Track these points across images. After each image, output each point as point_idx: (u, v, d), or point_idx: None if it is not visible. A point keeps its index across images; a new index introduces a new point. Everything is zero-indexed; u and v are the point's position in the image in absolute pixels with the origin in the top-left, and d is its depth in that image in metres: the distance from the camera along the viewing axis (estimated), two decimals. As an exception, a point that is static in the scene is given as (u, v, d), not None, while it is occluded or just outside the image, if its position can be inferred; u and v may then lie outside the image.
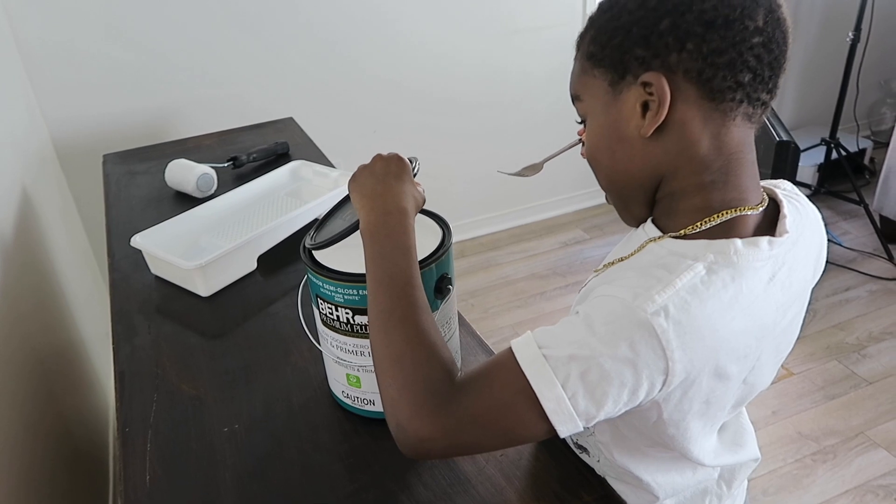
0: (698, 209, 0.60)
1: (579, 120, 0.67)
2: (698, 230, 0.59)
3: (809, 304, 0.68)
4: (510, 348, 0.58)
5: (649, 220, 0.65)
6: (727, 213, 0.59)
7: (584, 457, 0.76)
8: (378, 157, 0.73)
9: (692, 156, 0.59)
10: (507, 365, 0.57)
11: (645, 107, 0.58)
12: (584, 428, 0.56)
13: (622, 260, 0.66)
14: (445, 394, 0.58)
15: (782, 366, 1.99)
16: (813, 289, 0.68)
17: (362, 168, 0.73)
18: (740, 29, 0.55)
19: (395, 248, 0.65)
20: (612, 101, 0.61)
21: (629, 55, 0.58)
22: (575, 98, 0.66)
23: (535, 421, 0.55)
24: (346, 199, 0.85)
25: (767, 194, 0.63)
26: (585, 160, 0.68)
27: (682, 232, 0.60)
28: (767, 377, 0.68)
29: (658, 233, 0.63)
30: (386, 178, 0.71)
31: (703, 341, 0.55)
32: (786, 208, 0.62)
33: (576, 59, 0.65)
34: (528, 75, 2.56)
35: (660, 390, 0.55)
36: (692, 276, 0.55)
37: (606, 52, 0.60)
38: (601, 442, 0.70)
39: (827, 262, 0.70)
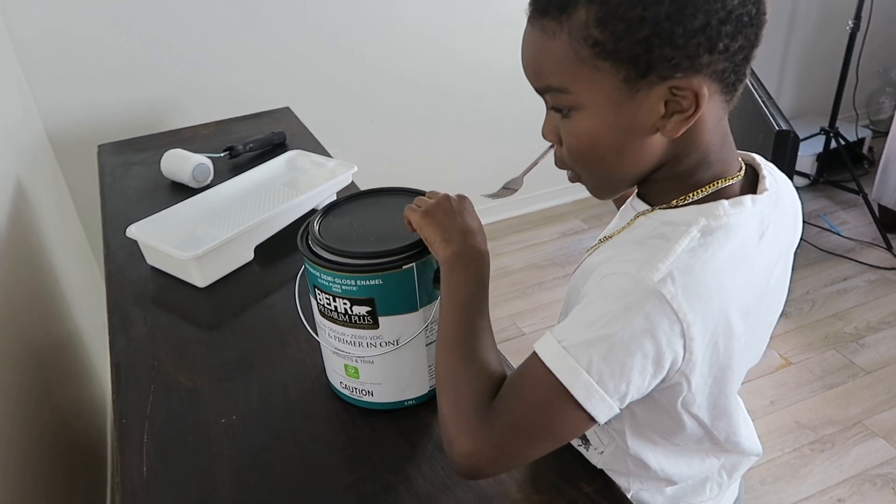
0: (689, 185, 0.61)
1: (553, 107, 0.60)
2: (687, 201, 0.61)
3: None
4: (535, 353, 0.59)
5: (635, 196, 0.67)
6: (713, 184, 0.61)
7: (581, 450, 0.76)
8: (447, 196, 0.75)
9: (699, 143, 0.59)
10: (534, 366, 0.58)
11: (664, 105, 0.55)
12: (619, 410, 0.56)
13: (617, 234, 0.67)
14: (487, 408, 0.59)
15: (780, 355, 2.01)
16: (796, 252, 0.70)
17: (434, 205, 0.73)
18: (760, 24, 0.55)
19: (469, 278, 0.68)
20: (624, 98, 0.55)
21: (655, 53, 0.52)
22: (557, 90, 0.57)
23: (572, 413, 0.56)
24: (351, 198, 0.85)
25: (743, 160, 0.65)
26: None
27: (673, 203, 0.61)
28: (761, 343, 0.70)
29: (645, 206, 0.65)
30: (460, 214, 0.73)
31: (712, 300, 0.56)
32: (764, 170, 0.64)
33: (554, 35, 0.55)
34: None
35: (683, 357, 0.56)
36: (689, 241, 0.57)
37: (623, 45, 0.53)
38: (615, 430, 0.70)
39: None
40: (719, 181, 0.61)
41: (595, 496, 0.70)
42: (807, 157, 2.74)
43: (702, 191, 0.60)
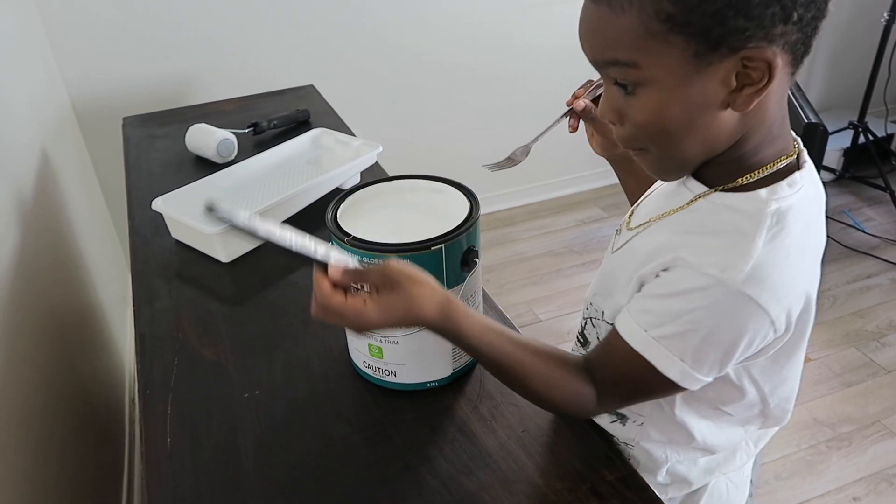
0: (753, 165, 0.60)
1: (618, 82, 0.57)
2: (750, 181, 0.60)
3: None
4: (623, 339, 0.63)
5: (689, 176, 0.65)
6: (776, 163, 0.60)
7: (616, 426, 0.76)
8: (341, 311, 0.65)
9: (764, 119, 0.58)
10: (628, 355, 0.62)
11: (735, 77, 0.54)
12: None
13: (669, 214, 0.66)
14: (592, 406, 0.67)
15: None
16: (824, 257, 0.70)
17: (354, 326, 0.65)
18: None
19: (464, 343, 0.67)
20: (694, 71, 0.53)
21: (729, 25, 0.51)
22: (625, 64, 0.55)
23: (670, 387, 0.62)
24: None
25: None
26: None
27: (737, 182, 0.60)
28: None
29: (703, 188, 0.63)
30: (382, 310, 0.63)
31: (795, 288, 0.59)
32: (800, 143, 0.64)
33: (622, 10, 0.53)
34: (552, 49, 2.51)
35: (772, 340, 0.60)
36: (765, 233, 0.57)
37: (695, 18, 0.51)
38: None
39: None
40: (781, 158, 0.60)
41: (617, 484, 0.70)
42: (833, 151, 2.70)
43: (763, 170, 0.60)
